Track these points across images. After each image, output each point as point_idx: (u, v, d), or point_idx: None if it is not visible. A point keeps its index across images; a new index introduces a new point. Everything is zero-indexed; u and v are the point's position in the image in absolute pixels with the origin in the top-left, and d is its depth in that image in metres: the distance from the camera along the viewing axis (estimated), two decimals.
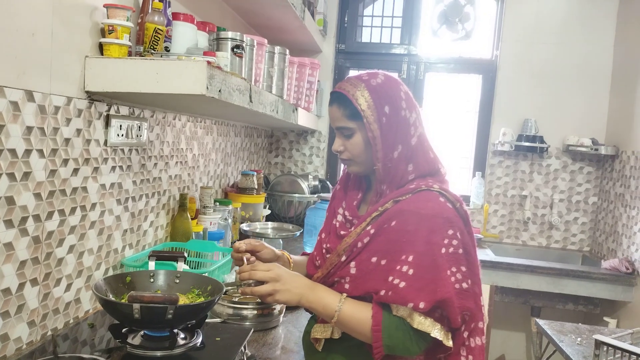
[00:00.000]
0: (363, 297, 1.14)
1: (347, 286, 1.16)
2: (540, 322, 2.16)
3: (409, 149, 1.18)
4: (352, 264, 1.16)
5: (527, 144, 3.17)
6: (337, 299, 1.13)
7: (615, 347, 1.66)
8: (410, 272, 1.07)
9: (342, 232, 1.24)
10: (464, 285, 1.09)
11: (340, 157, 1.25)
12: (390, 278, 1.09)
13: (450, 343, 1.09)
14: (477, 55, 3.42)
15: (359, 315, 1.11)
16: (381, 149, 1.16)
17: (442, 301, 1.05)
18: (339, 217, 1.28)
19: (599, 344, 1.70)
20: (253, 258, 1.30)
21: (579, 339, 1.95)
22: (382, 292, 1.09)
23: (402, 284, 1.07)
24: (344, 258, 1.18)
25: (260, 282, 1.14)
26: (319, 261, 1.28)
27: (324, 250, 1.27)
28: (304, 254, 1.45)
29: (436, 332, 1.07)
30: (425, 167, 1.19)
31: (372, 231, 1.15)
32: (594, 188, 3.24)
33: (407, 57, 3.44)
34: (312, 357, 1.24)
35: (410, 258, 1.08)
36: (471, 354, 1.14)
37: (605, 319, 2.79)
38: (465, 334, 1.14)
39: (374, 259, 1.13)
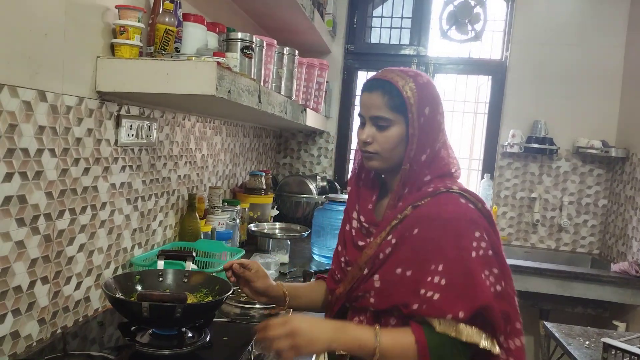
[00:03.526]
0: (390, 310, 1.10)
1: (372, 300, 1.12)
2: (549, 325, 2.14)
3: (433, 153, 1.15)
4: (376, 276, 1.11)
5: (536, 145, 3.14)
6: (372, 334, 1.04)
7: (623, 351, 1.65)
8: (443, 282, 1.02)
9: (360, 243, 1.19)
10: (498, 287, 1.06)
11: (364, 149, 1.17)
12: (423, 291, 1.03)
13: (497, 350, 1.04)
14: (486, 57, 3.41)
15: (401, 343, 1.03)
16: (415, 149, 1.13)
17: (483, 307, 1.01)
18: (354, 223, 1.22)
19: (607, 347, 1.69)
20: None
21: (587, 342, 1.94)
22: (415, 306, 1.04)
23: (436, 296, 1.02)
24: (365, 271, 1.13)
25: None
26: (339, 275, 1.23)
27: (342, 264, 1.22)
28: (319, 277, 1.39)
29: (484, 342, 1.02)
30: (442, 169, 1.16)
31: (393, 241, 1.10)
32: (604, 190, 3.22)
33: (416, 58, 3.43)
34: None
35: (440, 267, 1.03)
36: (512, 356, 1.09)
37: (615, 322, 2.76)
38: (502, 338, 1.08)
39: (398, 270, 1.08)
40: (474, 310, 1.00)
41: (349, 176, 3.51)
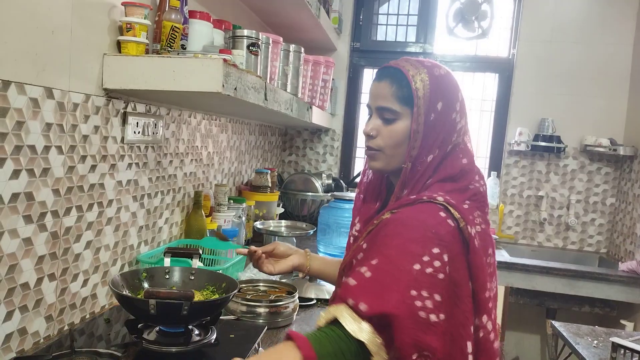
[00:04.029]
0: None
1: None
2: (556, 324, 2.13)
3: (443, 154, 1.05)
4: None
5: (543, 143, 3.13)
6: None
7: (632, 350, 1.64)
8: (368, 274, 0.92)
9: None
10: (432, 317, 0.89)
11: (368, 143, 1.10)
12: (349, 279, 0.94)
13: None
14: (493, 54, 3.39)
15: (278, 349, 0.90)
16: (417, 148, 1.03)
17: (390, 316, 0.86)
18: (354, 231, 1.19)
19: (616, 347, 1.68)
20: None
21: (595, 342, 1.93)
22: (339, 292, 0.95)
23: (353, 282, 0.92)
24: (344, 278, 1.08)
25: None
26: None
27: (340, 271, 1.20)
28: None
29: (379, 356, 0.87)
30: (449, 170, 1.05)
31: (364, 246, 1.03)
32: (612, 189, 3.20)
33: (423, 56, 3.42)
34: None
35: (375, 261, 0.93)
36: None
37: (622, 322, 2.74)
38: None
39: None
40: (376, 311, 0.87)
41: (356, 176, 3.50)
